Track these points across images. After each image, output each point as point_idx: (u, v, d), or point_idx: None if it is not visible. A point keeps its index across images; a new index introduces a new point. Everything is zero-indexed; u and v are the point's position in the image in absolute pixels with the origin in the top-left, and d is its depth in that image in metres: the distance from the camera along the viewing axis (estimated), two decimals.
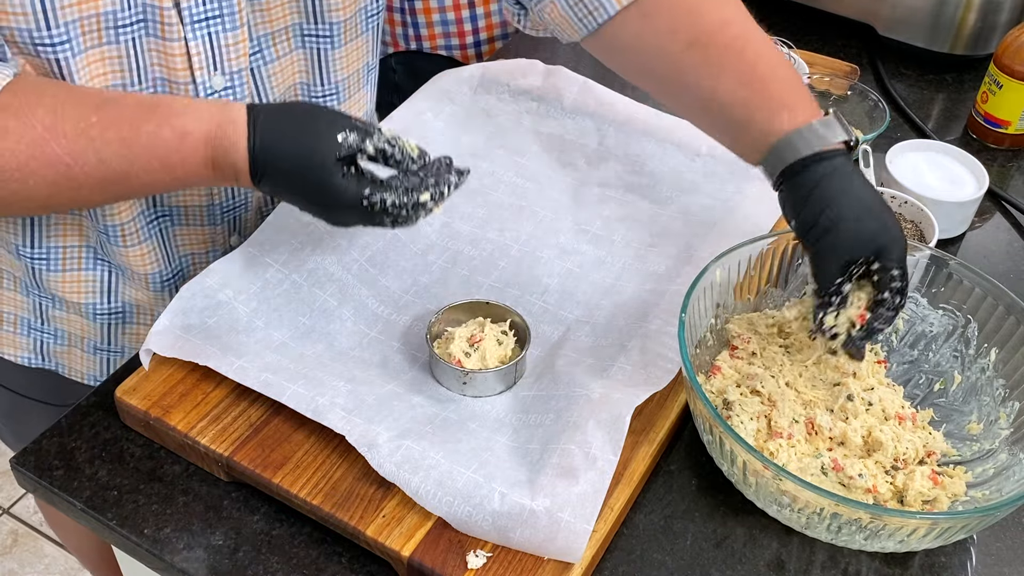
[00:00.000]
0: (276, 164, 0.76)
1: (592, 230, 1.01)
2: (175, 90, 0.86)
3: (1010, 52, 1.17)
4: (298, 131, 0.76)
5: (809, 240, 0.81)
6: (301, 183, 0.76)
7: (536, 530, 0.73)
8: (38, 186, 0.74)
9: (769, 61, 0.85)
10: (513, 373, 0.86)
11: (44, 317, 1.01)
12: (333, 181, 0.75)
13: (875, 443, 0.81)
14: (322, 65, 0.97)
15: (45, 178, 0.74)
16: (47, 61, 0.78)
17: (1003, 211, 1.15)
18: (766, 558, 0.79)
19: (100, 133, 0.74)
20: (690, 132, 1.09)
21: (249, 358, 0.84)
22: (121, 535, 0.79)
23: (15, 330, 1.02)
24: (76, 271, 0.95)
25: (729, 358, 0.89)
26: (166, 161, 0.76)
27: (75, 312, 0.99)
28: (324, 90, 0.99)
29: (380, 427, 0.79)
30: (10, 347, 1.04)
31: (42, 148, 0.73)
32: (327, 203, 0.77)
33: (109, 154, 0.75)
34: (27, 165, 0.73)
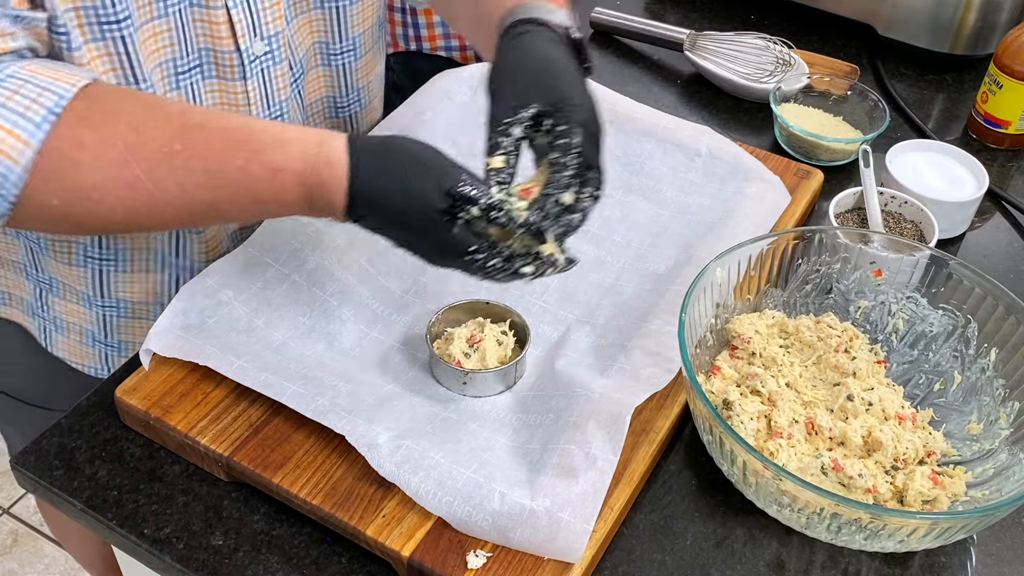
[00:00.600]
0: (378, 211, 0.74)
1: (592, 230, 1.01)
2: (220, 59, 0.87)
3: (1010, 52, 1.17)
4: (403, 176, 0.72)
5: (491, 85, 0.79)
6: (404, 228, 0.74)
7: (536, 530, 0.73)
8: (115, 210, 0.72)
9: None
10: (513, 373, 0.86)
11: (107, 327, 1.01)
12: (437, 232, 0.72)
13: (875, 443, 0.81)
14: (340, 22, 0.98)
15: (124, 202, 0.71)
16: (113, 40, 0.78)
17: (1003, 211, 1.15)
18: (766, 558, 0.79)
19: (184, 162, 0.72)
20: (690, 132, 1.09)
21: (249, 358, 0.84)
22: (121, 535, 0.79)
23: (80, 340, 1.02)
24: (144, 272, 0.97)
25: (729, 358, 0.89)
26: (257, 197, 0.74)
27: None
28: (342, 46, 1.00)
29: (380, 427, 0.79)
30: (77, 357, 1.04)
31: (121, 169, 0.70)
32: (428, 250, 0.75)
33: (192, 185, 0.72)
34: (104, 185, 0.70)
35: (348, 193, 0.73)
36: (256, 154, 0.73)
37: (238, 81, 0.90)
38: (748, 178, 1.04)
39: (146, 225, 0.77)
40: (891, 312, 0.92)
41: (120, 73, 0.82)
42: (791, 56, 1.27)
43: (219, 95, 0.91)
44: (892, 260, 0.91)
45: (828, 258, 0.92)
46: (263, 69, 0.91)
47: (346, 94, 1.05)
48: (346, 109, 1.06)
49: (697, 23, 1.41)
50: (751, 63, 1.27)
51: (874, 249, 0.91)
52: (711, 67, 1.28)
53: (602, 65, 1.35)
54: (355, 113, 1.08)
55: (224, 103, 0.91)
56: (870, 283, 0.92)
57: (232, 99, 0.91)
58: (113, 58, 0.80)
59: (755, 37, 1.29)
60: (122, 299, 0.98)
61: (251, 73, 0.90)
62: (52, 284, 0.98)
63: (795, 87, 1.22)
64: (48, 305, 1.01)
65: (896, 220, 1.05)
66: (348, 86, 1.04)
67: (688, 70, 1.34)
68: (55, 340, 1.04)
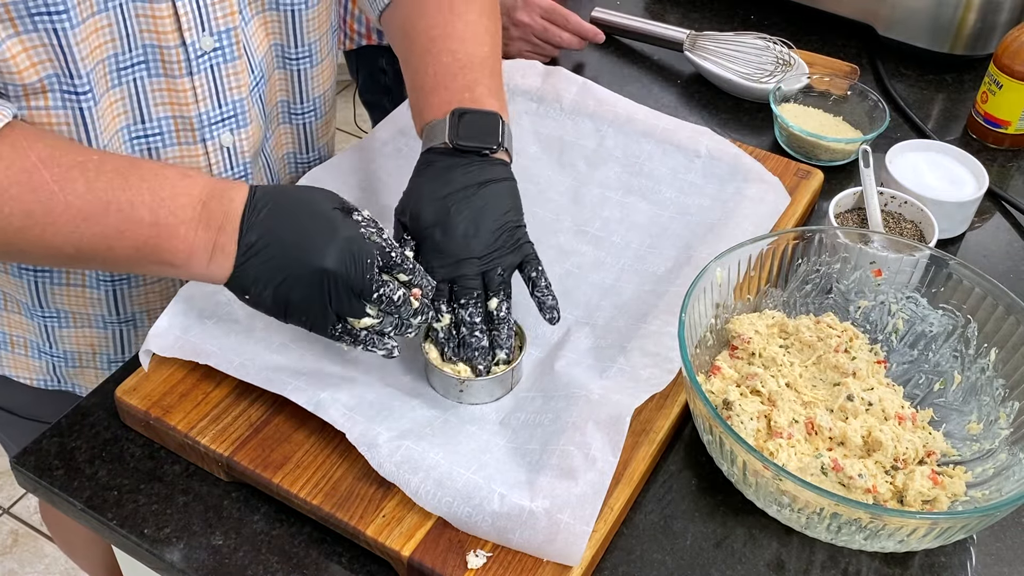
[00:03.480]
0: (278, 201, 0.77)
1: (591, 231, 1.01)
2: (166, 55, 0.85)
3: (1010, 52, 1.17)
4: (299, 187, 0.81)
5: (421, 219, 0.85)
6: (299, 212, 0.77)
7: (535, 531, 0.73)
8: (12, 214, 0.72)
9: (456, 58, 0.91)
10: (509, 380, 0.85)
11: (53, 339, 1.00)
12: (334, 212, 0.77)
13: (875, 443, 0.81)
14: (295, 25, 0.96)
15: (24, 205, 0.72)
16: (47, 32, 0.77)
17: (1003, 211, 1.15)
18: (766, 558, 0.79)
19: (97, 166, 0.74)
20: (690, 133, 1.09)
21: (249, 357, 0.84)
22: (121, 535, 0.79)
23: (26, 353, 1.02)
24: (80, 287, 0.95)
25: (729, 358, 0.89)
26: (157, 193, 0.75)
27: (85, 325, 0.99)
28: (298, 51, 0.98)
29: (380, 427, 0.79)
30: (23, 370, 1.03)
31: (30, 175, 0.72)
32: (324, 231, 0.76)
33: (101, 183, 0.74)
34: (7, 190, 0.72)
35: (249, 192, 0.77)
36: (173, 166, 0.79)
37: (184, 77, 0.87)
38: (747, 179, 1.04)
39: (39, 238, 0.74)
40: (891, 312, 0.92)
41: (55, 65, 0.79)
42: (791, 56, 1.27)
43: (166, 93, 0.88)
44: (892, 260, 0.91)
45: (828, 258, 0.92)
46: (212, 65, 0.89)
47: (301, 101, 1.03)
48: (300, 117, 1.04)
49: (697, 23, 1.41)
50: (751, 63, 1.27)
51: (874, 249, 0.91)
52: (711, 67, 1.28)
53: (602, 65, 1.35)
54: (310, 122, 1.05)
55: (171, 101, 0.89)
56: (870, 283, 0.92)
57: (179, 97, 0.88)
58: (48, 50, 0.78)
59: (755, 37, 1.29)
60: (62, 310, 0.97)
61: (198, 68, 0.88)
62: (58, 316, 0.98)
63: (795, 87, 1.22)
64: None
65: (896, 220, 1.05)
66: (304, 92, 1.02)
67: (688, 70, 1.34)
68: (1, 358, 1.03)
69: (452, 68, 0.90)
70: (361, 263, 0.76)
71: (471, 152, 0.86)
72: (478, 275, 0.84)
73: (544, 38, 1.29)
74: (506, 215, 0.85)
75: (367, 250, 0.76)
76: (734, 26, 1.40)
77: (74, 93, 0.81)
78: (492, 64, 0.92)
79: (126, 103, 0.87)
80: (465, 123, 0.86)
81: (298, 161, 1.08)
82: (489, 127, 0.87)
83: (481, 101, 0.88)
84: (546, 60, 1.32)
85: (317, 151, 1.09)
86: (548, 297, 0.85)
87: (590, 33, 1.30)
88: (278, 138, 1.04)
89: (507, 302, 0.84)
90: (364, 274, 0.76)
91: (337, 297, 0.76)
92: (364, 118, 2.79)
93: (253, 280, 0.77)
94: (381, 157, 1.07)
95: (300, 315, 0.78)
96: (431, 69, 0.90)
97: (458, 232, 0.83)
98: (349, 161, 1.05)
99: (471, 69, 0.90)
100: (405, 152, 1.07)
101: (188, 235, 0.76)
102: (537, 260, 0.86)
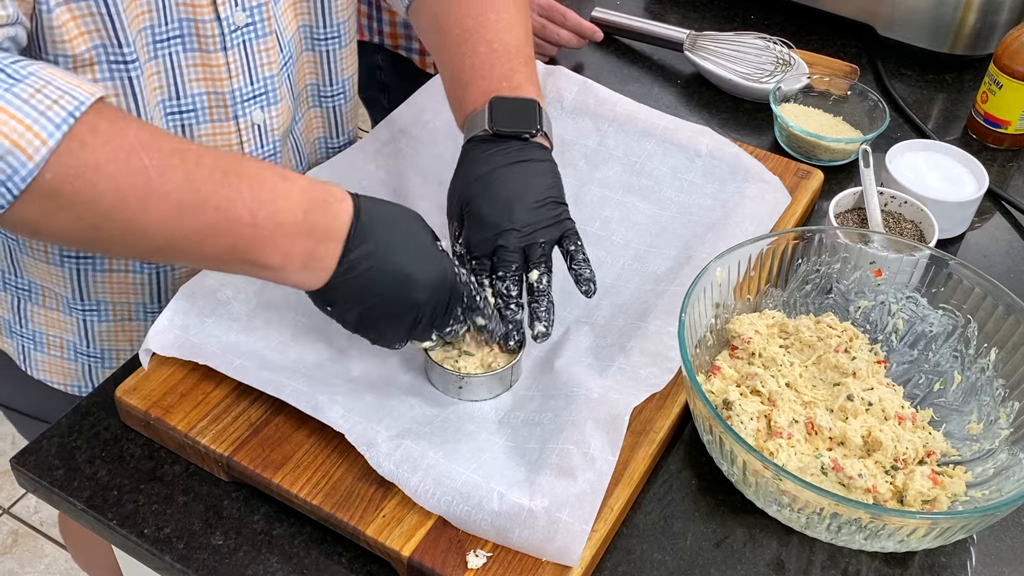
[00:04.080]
0: (382, 227, 0.76)
1: (591, 230, 1.01)
2: (201, 29, 0.86)
3: (1010, 52, 1.17)
4: (399, 206, 0.80)
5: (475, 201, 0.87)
6: (405, 241, 0.77)
7: (534, 530, 0.73)
8: (105, 193, 0.67)
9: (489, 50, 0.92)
10: (509, 376, 0.85)
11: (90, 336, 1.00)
12: (435, 246, 0.78)
13: (875, 443, 0.81)
14: (324, 5, 0.97)
15: (119, 186, 0.68)
16: (96, 2, 0.77)
17: (1003, 211, 1.15)
18: (766, 558, 0.79)
19: (197, 157, 0.71)
20: (690, 133, 1.09)
21: (248, 357, 0.84)
22: (121, 535, 0.79)
23: (62, 354, 1.01)
24: (123, 271, 0.96)
25: (729, 358, 0.89)
26: (257, 194, 0.72)
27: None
28: (327, 32, 0.99)
29: (379, 426, 0.79)
30: (59, 375, 1.03)
31: (129, 155, 0.68)
32: (424, 266, 0.77)
33: (200, 176, 0.70)
34: (104, 167, 0.67)
35: (354, 208, 0.76)
36: (270, 165, 0.75)
37: (219, 52, 0.88)
38: (748, 178, 1.04)
39: (128, 222, 0.70)
40: (891, 312, 0.92)
41: (103, 35, 0.79)
42: (791, 56, 1.27)
43: (201, 69, 0.88)
44: (892, 260, 0.91)
45: (828, 258, 0.92)
46: (244, 41, 0.89)
47: (330, 83, 1.04)
48: (330, 100, 1.05)
49: (697, 23, 1.41)
50: (751, 63, 1.27)
51: (874, 249, 0.91)
52: (711, 67, 1.28)
53: (602, 65, 1.35)
54: (339, 105, 1.07)
55: (205, 77, 0.89)
56: (870, 283, 0.92)
57: (213, 72, 0.89)
58: (96, 19, 0.78)
59: (755, 37, 1.29)
60: (102, 301, 0.97)
61: (231, 44, 0.88)
62: (31, 290, 0.98)
63: (795, 87, 1.22)
64: (26, 318, 1.00)
65: (896, 220, 1.05)
66: (333, 74, 1.03)
67: (688, 70, 1.34)
68: (34, 360, 1.02)
69: (490, 59, 0.91)
70: (453, 305, 0.79)
71: (511, 138, 0.87)
72: (518, 248, 0.84)
73: (542, 36, 1.29)
74: (548, 190, 0.87)
75: (459, 291, 0.79)
76: (734, 26, 1.40)
77: (123, 62, 0.81)
78: (527, 52, 0.94)
79: (162, 77, 0.87)
80: (504, 110, 0.88)
81: (328, 146, 1.09)
82: (528, 113, 0.88)
83: (519, 89, 0.90)
84: (545, 59, 1.32)
85: (347, 135, 1.10)
86: (586, 270, 0.86)
87: (588, 31, 1.30)
88: (308, 122, 1.05)
89: (548, 275, 0.85)
90: (451, 315, 0.79)
91: (418, 327, 0.79)
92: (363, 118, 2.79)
93: (345, 298, 0.76)
94: (381, 157, 1.07)
95: (375, 334, 0.80)
96: (468, 61, 0.91)
97: (500, 203, 0.84)
98: (349, 161, 1.05)
99: (508, 58, 0.91)
100: (405, 152, 1.07)
101: (286, 241, 0.73)
102: (577, 236, 0.87)
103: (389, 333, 0.79)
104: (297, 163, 1.05)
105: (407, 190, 1.03)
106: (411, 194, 1.03)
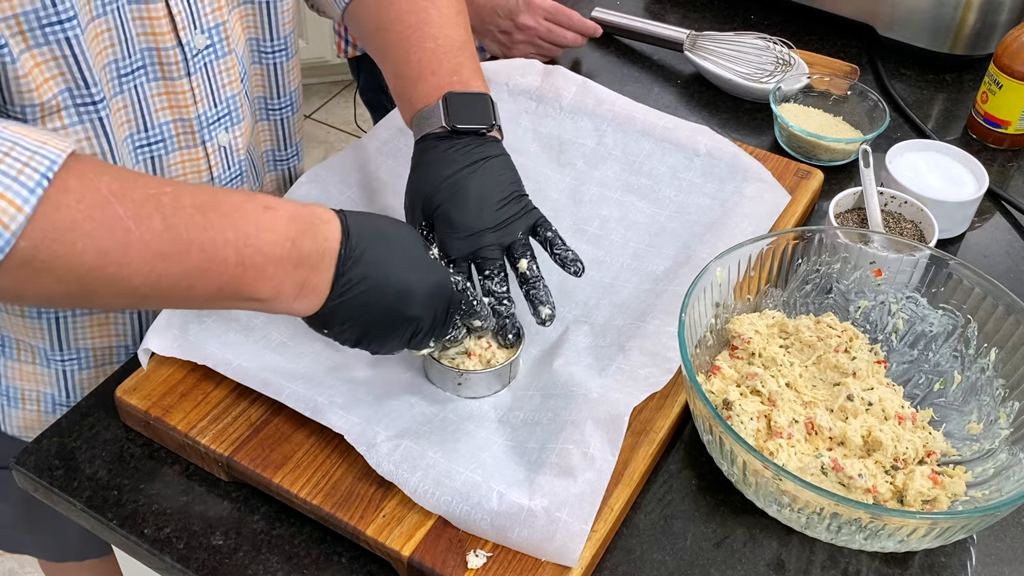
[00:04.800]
0: (375, 243, 0.75)
1: (590, 230, 1.01)
2: (163, 56, 0.85)
3: (1010, 52, 1.17)
4: (387, 219, 0.80)
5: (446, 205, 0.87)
6: (399, 255, 0.76)
7: (534, 530, 0.73)
8: (85, 251, 0.65)
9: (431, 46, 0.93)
10: (508, 373, 0.85)
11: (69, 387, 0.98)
12: (429, 255, 0.79)
13: (875, 443, 0.81)
14: (270, 18, 0.96)
15: (97, 243, 0.65)
16: (59, 43, 0.75)
17: (1003, 211, 1.15)
18: (766, 558, 0.79)
19: (173, 200, 0.68)
20: (688, 132, 1.09)
21: (247, 357, 0.84)
22: (121, 535, 0.79)
23: (39, 408, 0.99)
24: (104, 313, 0.94)
25: (729, 358, 0.89)
26: (242, 230, 0.70)
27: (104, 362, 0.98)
28: (274, 45, 0.98)
29: (379, 426, 0.79)
30: (34, 428, 1.00)
31: (103, 210, 0.66)
32: (423, 278, 0.77)
33: (180, 219, 0.68)
34: (81, 225, 0.65)
35: (342, 220, 0.75)
36: (250, 196, 0.73)
37: (183, 78, 0.87)
38: (746, 178, 1.04)
39: (112, 278, 0.68)
40: (891, 312, 0.92)
41: (68, 78, 0.78)
42: (791, 56, 1.27)
43: (166, 97, 0.88)
44: (892, 260, 0.91)
45: (828, 258, 0.92)
46: (206, 64, 0.89)
47: (278, 96, 1.02)
48: (278, 112, 1.03)
49: (697, 23, 1.41)
50: (751, 63, 1.27)
51: (874, 249, 0.91)
52: (711, 67, 1.28)
53: (602, 65, 1.35)
54: (287, 118, 1.05)
55: (171, 105, 0.88)
56: (870, 283, 0.92)
57: (179, 100, 0.88)
58: (60, 62, 0.77)
59: (755, 37, 1.29)
60: (82, 348, 0.95)
61: (195, 69, 0.87)
62: (5, 344, 0.96)
63: (795, 87, 1.22)
64: (1, 375, 0.98)
65: (896, 220, 1.05)
66: (280, 87, 1.01)
67: (688, 70, 1.34)
68: (10, 418, 1.00)
69: (437, 54, 0.91)
70: (452, 313, 0.80)
71: (468, 134, 0.88)
72: (497, 244, 0.85)
73: (549, 39, 1.29)
74: (511, 185, 0.88)
75: (456, 301, 0.80)
76: (734, 26, 1.40)
77: (91, 103, 0.80)
78: (470, 47, 0.95)
79: (129, 111, 0.86)
80: (459, 106, 0.88)
81: (276, 158, 1.08)
82: (483, 108, 0.89)
83: (469, 83, 0.91)
84: (548, 60, 1.32)
85: (295, 147, 1.09)
86: (568, 252, 0.87)
87: (590, 29, 1.31)
88: (257, 135, 1.04)
89: (534, 261, 0.86)
90: (449, 325, 0.80)
91: (416, 338, 0.79)
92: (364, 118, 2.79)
93: (340, 320, 0.76)
94: (380, 156, 1.07)
95: (374, 346, 0.79)
96: (413, 57, 0.91)
97: (471, 205, 0.85)
98: (349, 161, 1.05)
99: (454, 53, 0.92)
100: (404, 152, 1.07)
101: (276, 274, 0.72)
102: (548, 222, 0.88)
103: (388, 345, 0.79)
104: (253, 179, 1.03)
105: None
106: None
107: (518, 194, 0.88)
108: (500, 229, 0.86)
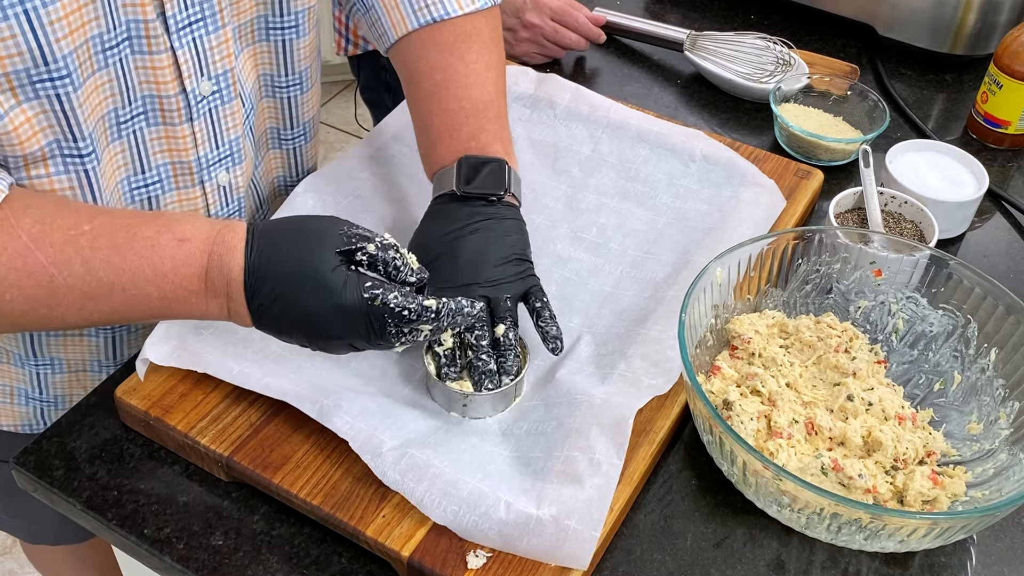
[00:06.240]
0: (275, 268, 0.73)
1: (588, 237, 1.00)
2: (165, 103, 0.85)
3: (1010, 52, 1.17)
4: (297, 230, 0.76)
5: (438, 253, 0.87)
6: (299, 281, 0.73)
7: (543, 538, 0.73)
8: (14, 300, 0.70)
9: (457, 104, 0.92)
10: (512, 394, 0.85)
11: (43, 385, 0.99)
12: (333, 275, 0.73)
13: (875, 443, 0.81)
14: (286, 55, 0.95)
15: (24, 291, 0.70)
16: (48, 99, 0.75)
17: (1003, 211, 1.15)
18: (766, 558, 0.79)
19: (91, 242, 0.72)
20: (684, 137, 1.09)
21: (248, 365, 0.83)
22: (121, 535, 0.79)
23: (12, 401, 1.00)
24: (78, 335, 0.95)
25: (729, 358, 0.89)
26: (158, 268, 0.73)
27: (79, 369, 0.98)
28: (288, 80, 0.97)
29: (384, 435, 0.78)
30: (7, 418, 1.02)
31: (25, 258, 0.70)
32: (326, 304, 0.73)
33: (98, 263, 0.71)
34: (6, 277, 0.70)
35: (246, 252, 0.74)
36: (166, 225, 0.74)
37: (184, 124, 0.87)
38: (743, 183, 1.04)
39: (38, 321, 0.73)
40: (891, 312, 0.92)
41: (57, 131, 0.78)
42: (791, 56, 1.27)
43: (165, 141, 0.87)
44: (892, 260, 0.91)
45: (828, 258, 0.92)
46: (210, 109, 0.88)
47: (291, 126, 1.02)
48: (291, 142, 1.03)
49: (697, 23, 1.41)
50: (751, 63, 1.27)
51: (874, 249, 0.91)
52: (711, 67, 1.28)
53: (602, 65, 1.35)
54: (300, 146, 1.05)
55: (170, 148, 0.88)
56: (870, 283, 0.92)
57: (178, 144, 0.88)
58: (49, 116, 0.76)
59: (755, 37, 1.29)
60: (56, 357, 0.96)
61: (198, 114, 0.87)
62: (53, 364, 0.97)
63: (795, 87, 1.22)
64: None
65: (896, 220, 1.05)
66: (294, 118, 1.01)
67: (688, 70, 1.34)
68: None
69: (458, 117, 0.91)
70: (384, 328, 0.74)
71: (478, 199, 0.88)
72: (483, 299, 0.84)
73: (554, 40, 1.29)
74: (513, 247, 0.87)
75: (378, 314, 0.74)
76: (734, 26, 1.40)
77: (78, 156, 0.80)
78: (497, 105, 0.94)
79: (126, 155, 0.86)
80: (471, 171, 0.88)
81: (288, 183, 1.08)
82: (496, 174, 0.89)
83: (487, 148, 0.90)
84: (550, 60, 1.32)
85: (307, 172, 1.09)
86: (552, 327, 0.85)
87: (594, 35, 1.31)
88: (268, 163, 1.04)
89: (514, 330, 0.84)
90: (386, 334, 0.75)
91: (361, 350, 0.78)
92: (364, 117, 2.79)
93: (278, 332, 0.76)
94: (375, 164, 1.06)
95: (330, 353, 0.79)
96: (436, 119, 0.92)
97: (464, 260, 0.85)
98: (343, 168, 1.04)
99: (476, 116, 0.91)
100: (399, 159, 1.07)
101: (200, 303, 0.75)
102: (542, 292, 0.87)
103: (340, 353, 0.79)
104: (257, 207, 1.03)
105: (403, 197, 1.03)
106: (407, 201, 1.03)
107: (518, 257, 0.87)
108: (489, 286, 0.84)
